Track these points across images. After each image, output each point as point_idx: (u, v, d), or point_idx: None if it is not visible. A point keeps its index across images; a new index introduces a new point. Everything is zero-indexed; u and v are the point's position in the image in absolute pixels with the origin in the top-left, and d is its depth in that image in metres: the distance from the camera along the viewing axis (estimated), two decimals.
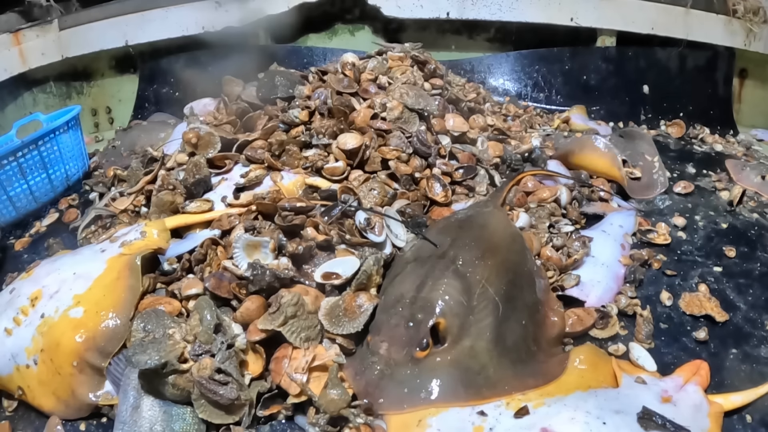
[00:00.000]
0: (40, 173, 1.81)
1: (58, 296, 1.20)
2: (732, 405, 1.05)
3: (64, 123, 1.85)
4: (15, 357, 1.17)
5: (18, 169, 1.74)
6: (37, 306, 1.20)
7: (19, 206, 1.78)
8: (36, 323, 1.17)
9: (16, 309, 1.21)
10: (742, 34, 2.52)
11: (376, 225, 1.32)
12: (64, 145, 1.87)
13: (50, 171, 1.83)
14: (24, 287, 1.26)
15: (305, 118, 1.60)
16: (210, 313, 1.08)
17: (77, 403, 1.13)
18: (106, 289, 1.20)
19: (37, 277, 1.27)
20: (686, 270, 1.42)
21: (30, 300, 1.22)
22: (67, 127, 1.88)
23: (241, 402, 1.02)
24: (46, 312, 1.18)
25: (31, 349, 1.16)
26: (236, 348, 1.07)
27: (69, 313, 1.16)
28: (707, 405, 1.02)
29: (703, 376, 1.09)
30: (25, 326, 1.18)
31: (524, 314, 1.15)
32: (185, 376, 1.04)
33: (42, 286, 1.23)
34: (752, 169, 1.89)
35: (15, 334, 1.19)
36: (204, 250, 1.28)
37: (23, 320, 1.19)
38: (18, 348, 1.17)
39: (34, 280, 1.26)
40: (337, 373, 1.03)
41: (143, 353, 1.03)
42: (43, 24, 2.79)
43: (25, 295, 1.23)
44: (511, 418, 0.97)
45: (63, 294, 1.20)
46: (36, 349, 1.15)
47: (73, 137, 1.91)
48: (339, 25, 2.66)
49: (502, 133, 1.85)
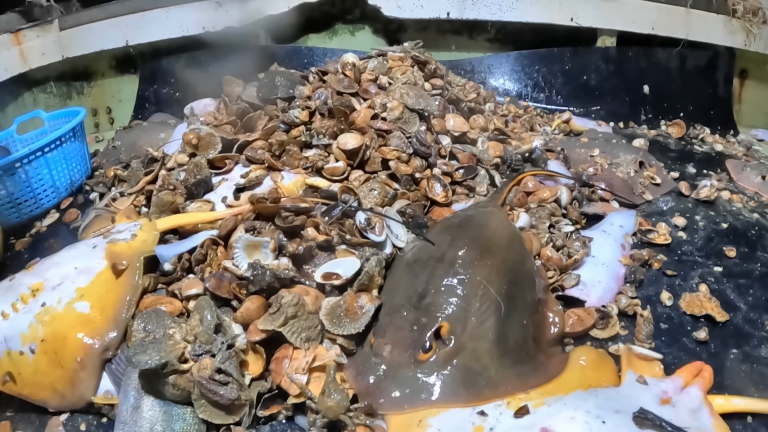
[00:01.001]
0: (45, 179, 1.81)
1: (61, 288, 1.20)
2: (733, 408, 1.05)
3: (69, 130, 1.86)
4: (7, 341, 1.16)
5: (24, 175, 1.75)
6: (38, 296, 1.19)
7: (24, 212, 1.80)
8: (36, 311, 1.17)
9: (15, 295, 1.20)
10: (743, 34, 2.52)
11: (377, 225, 1.32)
12: (69, 151, 1.88)
13: (55, 177, 1.84)
14: (25, 278, 1.25)
15: (305, 118, 1.60)
16: (210, 314, 1.08)
17: (74, 398, 1.12)
18: (108, 285, 1.20)
19: (39, 271, 1.26)
20: (686, 270, 1.42)
21: (31, 290, 1.21)
22: (73, 134, 1.88)
23: (242, 402, 1.02)
24: (47, 302, 1.18)
25: (27, 336, 1.15)
26: (237, 348, 1.07)
27: (75, 306, 1.16)
28: (706, 409, 1.02)
29: (707, 379, 1.08)
30: (24, 313, 1.17)
31: (525, 314, 1.15)
32: (185, 376, 1.04)
33: (44, 279, 1.23)
34: (752, 170, 1.89)
35: (11, 319, 1.17)
36: (204, 251, 1.28)
37: (21, 307, 1.18)
38: (13, 333, 1.16)
39: (35, 274, 1.26)
40: (335, 377, 1.03)
41: (143, 353, 1.03)
42: (44, 24, 2.79)
43: (26, 285, 1.22)
44: (511, 417, 0.97)
45: (66, 286, 1.20)
46: (34, 338, 1.15)
47: (78, 143, 1.92)
48: (339, 25, 2.66)
49: (503, 134, 1.85)
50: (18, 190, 1.75)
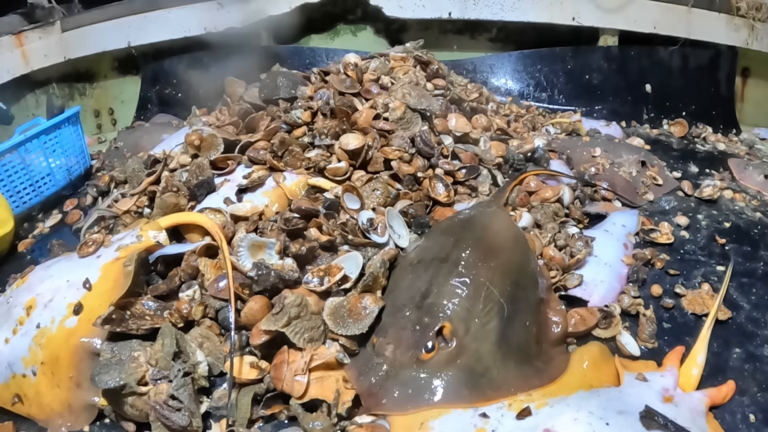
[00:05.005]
0: (42, 167, 1.84)
1: (52, 305, 1.19)
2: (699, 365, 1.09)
3: (64, 118, 1.90)
4: (12, 366, 1.17)
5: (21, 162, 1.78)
6: (32, 315, 1.19)
7: (24, 199, 1.81)
8: (32, 333, 1.17)
9: (14, 320, 1.21)
10: (745, 33, 2.52)
11: (379, 226, 1.32)
12: (65, 139, 1.91)
13: (52, 164, 1.86)
14: (19, 296, 1.25)
15: (308, 118, 1.60)
16: (170, 340, 1.09)
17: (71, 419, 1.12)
18: (102, 299, 1.19)
19: (31, 285, 1.26)
20: (689, 269, 1.41)
21: (25, 309, 1.21)
22: (68, 123, 1.92)
23: (193, 429, 1.03)
24: (41, 322, 1.17)
25: (28, 360, 1.16)
26: (197, 375, 1.08)
27: (65, 323, 1.16)
28: (706, 415, 1.02)
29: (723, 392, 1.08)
30: (21, 336, 1.18)
31: (528, 315, 1.15)
32: (143, 398, 1.05)
33: (36, 294, 1.23)
34: (755, 168, 1.89)
35: (12, 344, 1.18)
36: (196, 257, 1.27)
37: (19, 329, 1.19)
38: (15, 357, 1.17)
39: (28, 288, 1.25)
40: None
41: (106, 373, 1.05)
42: (46, 26, 2.79)
43: (21, 304, 1.22)
44: (513, 419, 0.97)
45: (57, 303, 1.19)
46: (34, 360, 1.15)
47: (73, 132, 1.95)
48: (341, 25, 2.67)
49: (505, 133, 1.85)
50: (15, 177, 1.78)
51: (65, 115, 1.90)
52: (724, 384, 1.10)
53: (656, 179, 1.79)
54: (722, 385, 1.09)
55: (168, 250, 1.31)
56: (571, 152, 1.84)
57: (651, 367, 1.13)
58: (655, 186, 1.77)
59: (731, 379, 1.11)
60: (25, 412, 1.16)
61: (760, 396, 1.09)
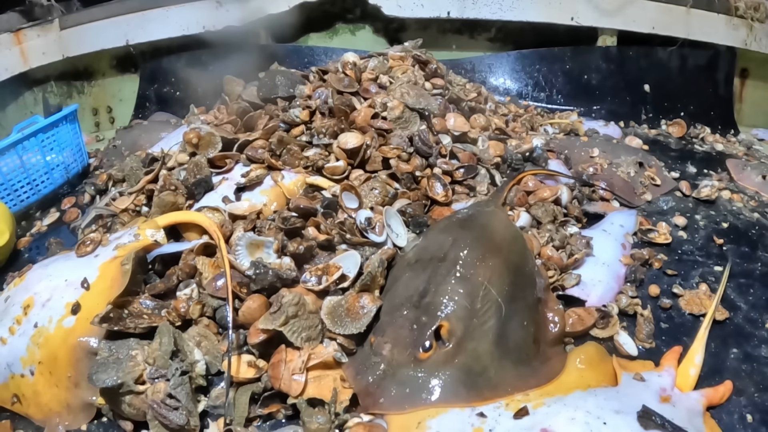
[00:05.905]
0: (40, 165, 1.84)
1: (50, 305, 1.19)
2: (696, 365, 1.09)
3: (62, 116, 1.90)
4: (10, 366, 1.17)
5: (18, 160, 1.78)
6: (29, 314, 1.19)
7: (21, 198, 1.81)
8: (30, 333, 1.17)
9: (11, 319, 1.20)
10: (744, 34, 2.52)
11: (377, 225, 1.32)
12: (63, 137, 1.91)
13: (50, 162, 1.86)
14: (17, 295, 1.25)
15: (306, 117, 1.60)
16: (168, 339, 1.09)
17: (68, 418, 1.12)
18: (100, 298, 1.18)
19: (29, 284, 1.25)
20: (687, 269, 1.42)
21: (23, 308, 1.21)
22: (65, 120, 1.92)
23: (190, 428, 1.03)
24: (39, 321, 1.17)
25: (26, 359, 1.16)
26: (195, 374, 1.08)
27: (63, 323, 1.16)
28: (703, 415, 1.02)
29: (720, 392, 1.08)
30: (19, 335, 1.18)
31: (526, 315, 1.15)
32: (140, 397, 1.05)
33: (34, 293, 1.22)
34: (753, 169, 1.89)
35: (10, 343, 1.18)
36: (194, 255, 1.27)
37: (17, 329, 1.19)
38: (13, 357, 1.17)
39: (26, 288, 1.25)
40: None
41: (104, 372, 1.05)
42: (44, 23, 2.79)
43: (18, 303, 1.22)
44: (511, 419, 0.97)
45: (55, 302, 1.19)
46: (32, 360, 1.15)
47: (70, 130, 1.95)
48: (340, 24, 2.66)
49: (503, 133, 1.85)
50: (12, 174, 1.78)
51: (63, 113, 1.90)
52: (721, 384, 1.10)
53: (654, 179, 1.79)
54: (720, 386, 1.09)
55: (166, 249, 1.30)
56: (570, 152, 1.84)
57: (648, 367, 1.13)
58: (653, 186, 1.77)
59: (728, 380, 1.10)
60: (24, 412, 1.16)
61: (757, 396, 1.09)
